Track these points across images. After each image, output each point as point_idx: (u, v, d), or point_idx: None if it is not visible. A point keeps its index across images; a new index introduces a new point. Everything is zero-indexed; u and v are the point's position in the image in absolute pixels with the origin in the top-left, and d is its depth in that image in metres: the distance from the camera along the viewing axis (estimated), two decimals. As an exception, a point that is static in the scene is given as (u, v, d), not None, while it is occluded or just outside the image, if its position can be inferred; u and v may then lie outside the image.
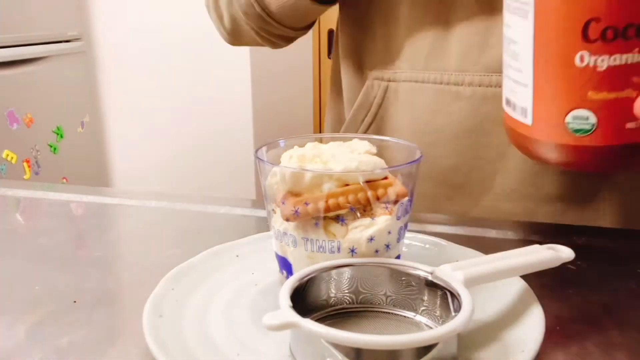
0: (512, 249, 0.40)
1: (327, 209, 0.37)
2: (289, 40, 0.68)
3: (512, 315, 0.38)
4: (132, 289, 0.46)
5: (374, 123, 0.65)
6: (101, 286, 0.45)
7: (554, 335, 0.37)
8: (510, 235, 0.55)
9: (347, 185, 0.38)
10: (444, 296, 0.35)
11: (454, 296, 0.34)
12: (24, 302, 0.42)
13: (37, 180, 1.99)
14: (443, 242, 0.49)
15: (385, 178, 0.39)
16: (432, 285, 0.36)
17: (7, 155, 1.88)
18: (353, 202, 0.37)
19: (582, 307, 0.41)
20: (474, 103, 0.59)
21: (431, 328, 0.36)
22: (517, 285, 0.41)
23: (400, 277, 0.37)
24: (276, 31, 0.64)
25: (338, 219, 0.38)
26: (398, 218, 0.39)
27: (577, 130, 0.39)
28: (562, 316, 0.39)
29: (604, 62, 0.37)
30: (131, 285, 0.46)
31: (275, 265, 0.43)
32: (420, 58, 0.61)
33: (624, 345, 0.36)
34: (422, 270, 0.37)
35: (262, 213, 0.60)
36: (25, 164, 1.96)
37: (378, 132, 0.65)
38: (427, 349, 0.30)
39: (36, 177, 2.00)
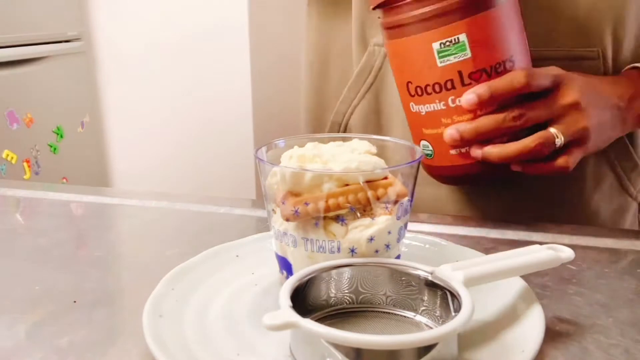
0: (512, 249, 0.40)
1: (327, 209, 0.37)
2: None
3: (512, 315, 0.38)
4: (132, 289, 0.46)
5: (374, 84, 0.67)
6: (101, 286, 0.45)
7: (554, 335, 0.37)
8: (510, 235, 0.55)
9: (347, 185, 0.38)
10: (444, 296, 0.35)
11: (454, 296, 0.34)
12: (24, 302, 0.42)
13: (37, 180, 1.99)
14: (443, 242, 0.49)
15: (385, 178, 0.39)
16: (432, 285, 0.36)
17: (7, 155, 1.88)
18: (353, 202, 0.37)
19: (582, 307, 0.41)
20: None
21: (431, 328, 0.36)
22: (517, 285, 0.41)
23: (400, 277, 0.37)
24: None
25: (338, 219, 0.38)
26: (398, 218, 0.39)
27: (426, 155, 0.55)
28: (562, 316, 0.39)
29: (422, 109, 0.53)
30: (131, 285, 0.46)
31: (275, 265, 0.43)
32: None
33: (624, 345, 0.36)
34: (422, 270, 0.37)
35: (262, 213, 0.60)
36: (25, 164, 1.96)
37: (378, 93, 0.67)
38: (427, 349, 0.30)
39: (36, 177, 2.00)
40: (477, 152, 0.51)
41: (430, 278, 0.36)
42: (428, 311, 0.37)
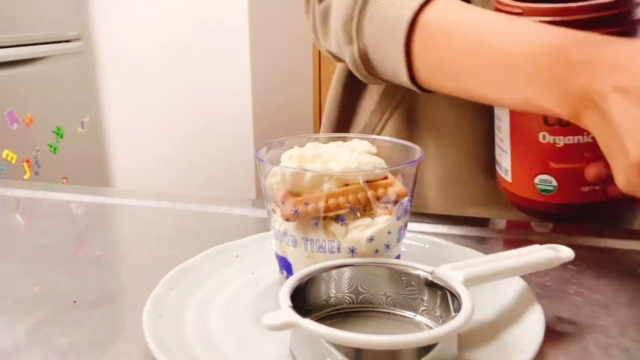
0: (512, 249, 0.40)
1: (327, 209, 0.37)
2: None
3: (512, 315, 0.38)
4: (132, 289, 0.46)
5: (406, 96, 0.64)
6: (101, 286, 0.45)
7: (554, 335, 0.37)
8: (510, 235, 0.55)
9: (347, 185, 0.38)
10: (444, 296, 0.35)
11: (454, 296, 0.34)
12: (24, 302, 0.42)
13: (37, 180, 1.99)
14: (443, 242, 0.49)
15: (385, 178, 0.39)
16: (432, 285, 0.36)
17: (7, 155, 1.88)
18: (353, 202, 0.37)
19: (582, 307, 0.41)
20: None
21: (431, 328, 0.36)
22: (517, 285, 0.41)
23: (400, 277, 0.37)
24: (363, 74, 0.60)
25: (338, 219, 0.38)
26: (398, 218, 0.39)
27: (543, 190, 0.50)
28: (562, 316, 0.39)
29: (560, 140, 0.47)
30: (131, 285, 0.46)
31: (275, 265, 0.43)
32: None
33: (623, 345, 0.36)
34: (422, 270, 0.37)
35: (262, 213, 0.60)
36: (25, 164, 1.96)
37: (412, 105, 0.64)
38: (427, 349, 0.30)
39: (36, 177, 2.00)
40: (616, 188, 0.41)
41: (430, 278, 0.36)
42: (428, 311, 0.37)
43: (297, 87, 2.68)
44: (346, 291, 0.38)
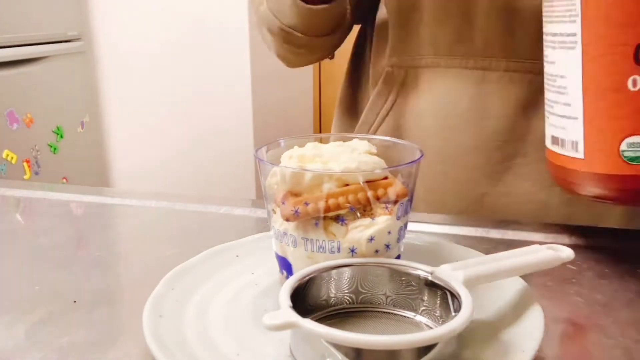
0: (512, 249, 0.40)
1: (327, 209, 0.37)
2: (319, 51, 0.69)
3: (512, 315, 0.38)
4: (132, 289, 0.46)
5: (393, 108, 0.66)
6: (101, 286, 0.45)
7: (554, 335, 0.37)
8: (510, 235, 0.55)
9: (347, 185, 0.38)
10: (444, 296, 0.35)
11: (454, 296, 0.34)
12: (24, 302, 0.42)
13: (37, 180, 1.99)
14: (443, 242, 0.49)
15: (385, 178, 0.39)
16: (432, 285, 0.36)
17: (7, 155, 1.88)
18: (353, 202, 0.37)
19: (582, 307, 0.41)
20: (499, 87, 0.60)
21: (431, 328, 0.36)
22: (517, 285, 0.41)
23: (400, 277, 0.37)
24: (299, 41, 0.65)
25: (338, 219, 0.38)
26: (398, 218, 0.39)
27: (632, 159, 0.38)
28: (562, 316, 0.39)
29: None
30: (131, 285, 0.46)
31: (275, 265, 0.43)
32: (444, 44, 0.62)
33: (623, 345, 0.36)
34: (422, 270, 0.37)
35: (262, 213, 0.60)
36: (25, 164, 1.96)
37: (399, 116, 0.65)
38: (427, 349, 0.30)
39: (36, 177, 2.00)
40: None
41: (430, 278, 0.36)
42: (428, 311, 0.37)
43: (297, 87, 2.68)
44: (346, 291, 0.38)
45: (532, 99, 0.60)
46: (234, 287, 0.42)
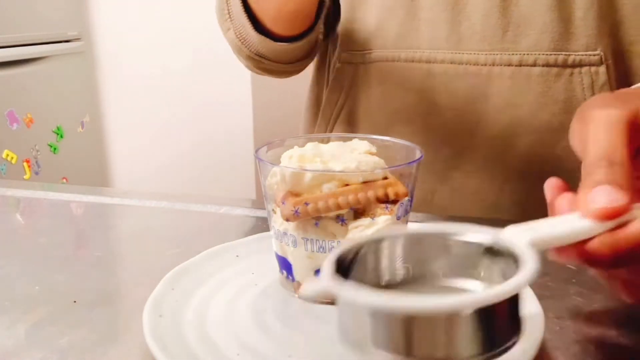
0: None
1: (327, 209, 0.37)
2: (297, 70, 0.69)
3: (512, 315, 0.38)
4: (132, 289, 0.46)
5: (346, 104, 0.66)
6: (101, 286, 0.45)
7: (554, 335, 0.37)
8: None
9: (347, 185, 0.38)
10: (507, 262, 0.30)
11: (516, 262, 0.28)
12: (24, 302, 0.42)
13: (37, 180, 1.99)
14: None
15: (385, 178, 0.39)
16: (492, 253, 0.31)
17: (7, 155, 1.88)
18: (353, 202, 0.37)
19: (582, 307, 0.41)
20: (445, 80, 0.59)
21: None
22: (517, 285, 0.40)
23: (457, 246, 0.32)
24: (271, 67, 0.65)
25: (338, 219, 0.38)
26: (398, 218, 0.39)
27: None
28: (562, 316, 0.39)
29: None
30: (131, 285, 0.46)
31: (275, 265, 0.43)
32: (390, 38, 0.61)
33: (623, 346, 0.36)
34: (482, 236, 0.31)
35: (262, 213, 0.60)
36: (25, 164, 1.96)
37: (351, 113, 0.66)
38: (488, 315, 0.25)
39: (36, 177, 2.00)
40: None
41: (490, 244, 0.31)
42: (489, 280, 0.31)
43: (297, 87, 2.68)
44: (397, 264, 0.32)
45: (480, 93, 0.59)
46: (234, 287, 0.42)
